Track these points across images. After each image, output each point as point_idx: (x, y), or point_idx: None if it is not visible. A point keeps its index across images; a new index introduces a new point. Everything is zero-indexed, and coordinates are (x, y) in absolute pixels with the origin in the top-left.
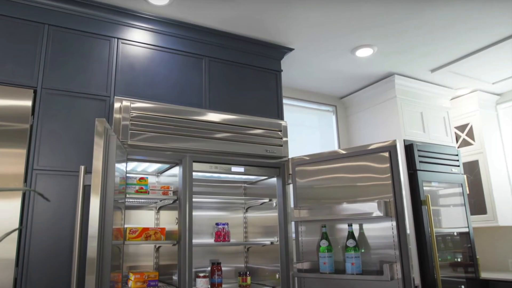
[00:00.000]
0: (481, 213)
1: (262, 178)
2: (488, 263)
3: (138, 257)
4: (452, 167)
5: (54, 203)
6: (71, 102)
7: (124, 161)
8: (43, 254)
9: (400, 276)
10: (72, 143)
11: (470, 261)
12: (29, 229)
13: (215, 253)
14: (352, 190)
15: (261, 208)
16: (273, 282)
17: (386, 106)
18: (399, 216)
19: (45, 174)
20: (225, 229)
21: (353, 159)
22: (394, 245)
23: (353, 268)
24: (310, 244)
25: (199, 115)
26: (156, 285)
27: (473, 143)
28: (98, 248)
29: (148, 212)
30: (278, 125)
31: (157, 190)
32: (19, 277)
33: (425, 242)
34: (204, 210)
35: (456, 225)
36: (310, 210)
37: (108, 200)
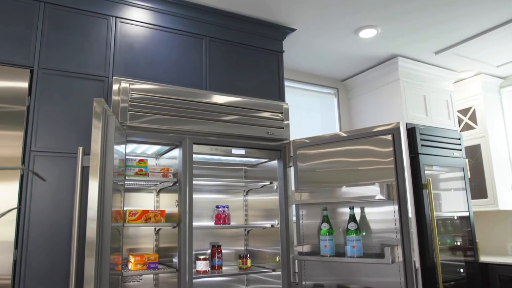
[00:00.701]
0: (482, 197)
1: (263, 160)
2: (487, 247)
3: (138, 240)
4: (454, 151)
5: (53, 185)
6: (68, 82)
7: (123, 143)
8: (42, 237)
9: (401, 259)
10: (70, 124)
11: (470, 245)
12: (28, 211)
13: (215, 236)
14: (354, 174)
15: (262, 191)
16: (273, 264)
17: (388, 88)
18: (401, 200)
19: (43, 156)
20: (226, 212)
21: (355, 143)
22: (396, 228)
23: (354, 251)
24: (311, 228)
25: (200, 97)
26: (156, 267)
27: (475, 127)
28: (98, 231)
29: (148, 194)
30: (280, 107)
31: (157, 172)
32: (18, 259)
33: (425, 225)
34: (204, 193)
35: (457, 209)
36: (311, 193)
37: (107, 182)
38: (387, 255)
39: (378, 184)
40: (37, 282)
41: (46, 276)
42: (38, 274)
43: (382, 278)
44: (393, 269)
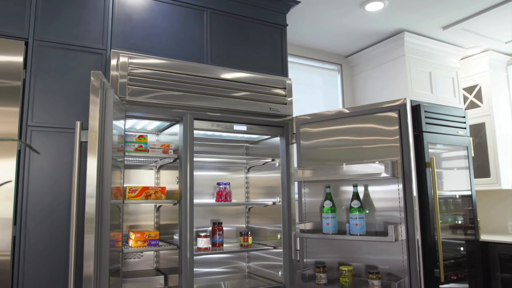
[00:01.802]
0: (484, 176)
1: (265, 137)
2: (488, 225)
3: (138, 217)
4: (458, 129)
5: (51, 161)
6: (65, 55)
7: (122, 118)
8: (41, 213)
9: (404, 237)
10: (67, 98)
11: (471, 223)
12: (26, 187)
13: (216, 214)
14: (358, 152)
15: (263, 168)
16: (274, 242)
17: (393, 65)
18: (406, 177)
19: (40, 131)
20: (227, 189)
21: (359, 121)
22: (400, 207)
23: (356, 229)
24: (313, 206)
25: (201, 71)
26: (157, 244)
27: (480, 105)
28: (97, 207)
29: (148, 171)
30: (283, 83)
31: (157, 148)
32: (17, 235)
33: (427, 204)
34: (205, 170)
35: (459, 188)
36: (314, 170)
37: (106, 157)
38: (391, 233)
39: (383, 161)
40: (37, 258)
41: (46, 252)
42: (38, 250)
43: (384, 256)
44: (396, 247)
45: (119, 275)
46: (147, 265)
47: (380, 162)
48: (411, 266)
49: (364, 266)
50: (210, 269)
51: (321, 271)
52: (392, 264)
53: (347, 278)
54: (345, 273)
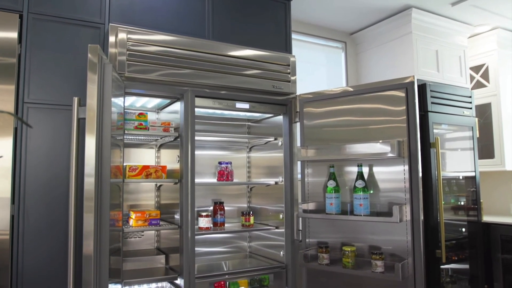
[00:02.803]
0: (488, 157)
1: (268, 116)
2: (490, 207)
3: (138, 196)
4: (464, 110)
5: (49, 139)
6: (61, 29)
7: (121, 95)
8: (40, 191)
9: (409, 218)
10: (64, 74)
11: (473, 204)
12: (24, 166)
13: (217, 194)
14: (363, 133)
15: (265, 148)
16: (276, 222)
17: (400, 42)
18: (412, 157)
19: (37, 108)
20: (228, 168)
21: (364, 101)
22: (405, 187)
23: (360, 209)
24: (316, 186)
25: (202, 47)
26: (158, 224)
27: (487, 85)
28: (96, 186)
29: (148, 150)
30: (286, 59)
31: (158, 126)
32: (16, 214)
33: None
34: (206, 149)
35: (463, 169)
36: (318, 149)
37: (105, 135)
38: (396, 213)
39: (389, 141)
40: (36, 237)
41: (45, 231)
42: (37, 229)
43: (388, 236)
44: (400, 228)
45: (120, 254)
46: (148, 244)
47: (386, 142)
48: (415, 247)
49: (367, 247)
50: (211, 248)
51: (323, 251)
52: (396, 245)
53: (350, 259)
54: (348, 254)
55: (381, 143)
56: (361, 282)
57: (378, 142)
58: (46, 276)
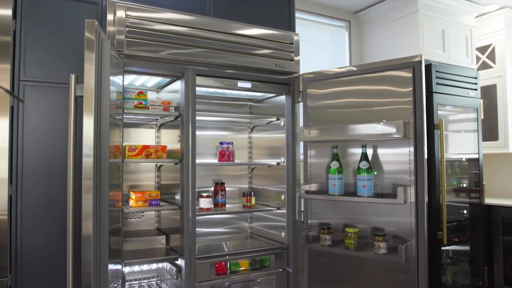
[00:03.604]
0: (492, 140)
1: (270, 95)
2: (492, 189)
3: (138, 176)
4: (469, 91)
5: (46, 118)
6: (58, 4)
7: (120, 73)
8: (37, 172)
9: (413, 200)
10: (61, 51)
11: (475, 187)
12: (21, 146)
13: (218, 175)
14: (367, 114)
15: (267, 128)
16: (278, 203)
17: (405, 22)
18: (418, 138)
19: (34, 86)
20: (230, 149)
21: (369, 82)
22: (410, 169)
23: (364, 191)
24: (319, 168)
25: (203, 24)
26: (158, 204)
27: (493, 66)
28: (95, 167)
29: (148, 130)
30: (290, 38)
31: (158, 105)
32: (14, 194)
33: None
34: (207, 129)
35: (466, 151)
36: (321, 130)
37: (103, 114)
38: (400, 195)
39: (395, 122)
40: (34, 218)
41: (43, 212)
42: (35, 210)
43: (391, 218)
44: (404, 210)
45: (120, 235)
46: (148, 225)
47: (392, 122)
48: (418, 228)
49: (370, 228)
50: (212, 229)
51: (325, 232)
52: (399, 227)
53: (352, 240)
54: (350, 235)
55: (387, 124)
56: (363, 263)
57: (384, 123)
58: (45, 257)
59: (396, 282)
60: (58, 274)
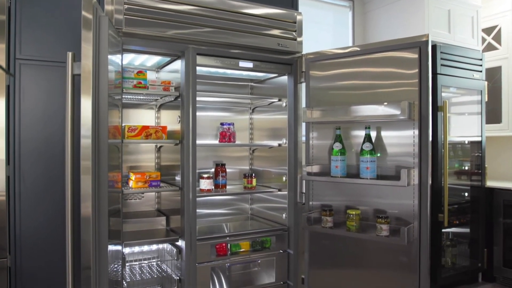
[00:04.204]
0: (495, 122)
1: (272, 76)
2: (494, 172)
3: (138, 157)
4: (474, 73)
5: (43, 98)
6: None
7: (118, 52)
8: (35, 152)
9: (417, 182)
10: (58, 29)
11: (477, 169)
12: (18, 126)
13: (219, 156)
14: (371, 96)
15: (268, 110)
16: (279, 184)
17: (411, 1)
18: (423, 120)
19: (30, 65)
20: (231, 130)
21: (373, 64)
22: (414, 151)
23: (367, 173)
24: (321, 150)
25: (204, 2)
26: (158, 185)
27: (498, 48)
28: (93, 147)
29: (148, 111)
30: (293, 17)
31: (157, 85)
32: (11, 175)
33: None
34: (207, 110)
35: (469, 133)
36: (324, 111)
37: (101, 94)
38: (404, 177)
39: (400, 102)
40: (33, 199)
41: (42, 193)
42: (34, 191)
43: (394, 201)
44: (407, 192)
45: (120, 216)
46: (148, 206)
47: (396, 103)
48: (421, 211)
49: (372, 210)
50: (212, 210)
51: (327, 214)
52: (401, 209)
53: (354, 222)
54: (352, 217)
55: (391, 105)
56: (365, 245)
57: (388, 104)
58: (44, 238)
59: (398, 264)
60: (57, 254)
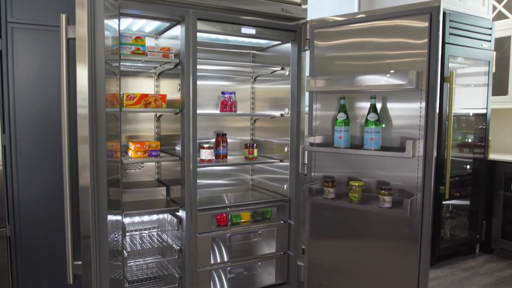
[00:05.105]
0: (501, 94)
1: (274, 43)
2: (498, 145)
3: (137, 127)
4: (482, 42)
5: (38, 63)
6: None
7: (115, 16)
8: (31, 120)
9: (422, 154)
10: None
11: (480, 142)
12: (12, 94)
13: (220, 126)
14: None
15: (271, 79)
16: (280, 155)
17: None
18: (431, 90)
19: (23, 29)
20: (232, 99)
21: (380, 34)
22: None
23: (371, 144)
24: (324, 121)
25: None
26: (158, 155)
27: (509, 16)
28: (90, 116)
29: (147, 80)
30: None
31: (156, 52)
32: (7, 144)
33: (441, 121)
34: (208, 79)
35: (474, 105)
36: (328, 80)
37: (98, 60)
38: (409, 149)
39: (407, 71)
40: (30, 168)
41: (39, 162)
42: (31, 160)
43: (397, 173)
44: (411, 164)
45: (119, 186)
46: (148, 176)
47: (404, 72)
48: (425, 183)
49: (375, 182)
50: (213, 181)
51: (329, 185)
52: (405, 181)
53: (357, 194)
54: (355, 188)
55: (398, 74)
56: (367, 217)
57: (395, 73)
58: (43, 207)
59: (399, 236)
60: (57, 224)
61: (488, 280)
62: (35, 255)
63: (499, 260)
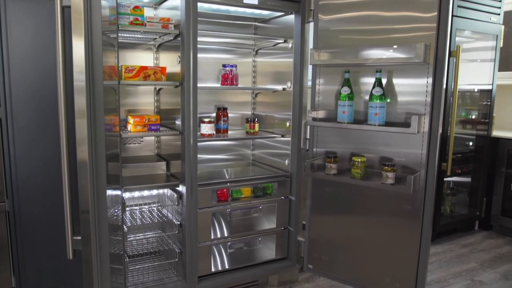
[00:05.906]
0: (507, 70)
1: (277, 14)
2: (502, 122)
3: (137, 101)
4: (491, 15)
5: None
6: None
7: None
8: (27, 93)
9: (427, 130)
10: None
11: (483, 118)
12: (6, 64)
13: (220, 101)
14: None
15: (273, 52)
16: (282, 130)
17: None
18: (438, 63)
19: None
20: (233, 72)
21: (387, 7)
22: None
23: (376, 119)
24: (327, 96)
25: None
26: (158, 130)
27: None
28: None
29: (146, 53)
30: None
31: (155, 22)
32: (3, 117)
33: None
34: (209, 52)
35: (479, 81)
36: (332, 53)
37: (95, 30)
38: (414, 124)
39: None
40: (27, 141)
41: (36, 135)
42: (28, 133)
43: (401, 149)
44: (415, 140)
45: (118, 160)
46: (148, 150)
47: (411, 45)
48: (429, 159)
49: (378, 158)
50: (213, 156)
51: (331, 161)
52: (409, 157)
53: (359, 170)
54: (357, 164)
55: (405, 47)
56: (369, 193)
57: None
58: (41, 182)
59: (401, 212)
60: (55, 198)
61: (487, 257)
62: (34, 230)
63: (498, 236)
